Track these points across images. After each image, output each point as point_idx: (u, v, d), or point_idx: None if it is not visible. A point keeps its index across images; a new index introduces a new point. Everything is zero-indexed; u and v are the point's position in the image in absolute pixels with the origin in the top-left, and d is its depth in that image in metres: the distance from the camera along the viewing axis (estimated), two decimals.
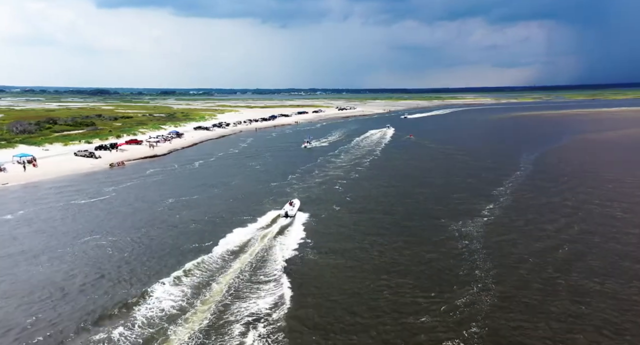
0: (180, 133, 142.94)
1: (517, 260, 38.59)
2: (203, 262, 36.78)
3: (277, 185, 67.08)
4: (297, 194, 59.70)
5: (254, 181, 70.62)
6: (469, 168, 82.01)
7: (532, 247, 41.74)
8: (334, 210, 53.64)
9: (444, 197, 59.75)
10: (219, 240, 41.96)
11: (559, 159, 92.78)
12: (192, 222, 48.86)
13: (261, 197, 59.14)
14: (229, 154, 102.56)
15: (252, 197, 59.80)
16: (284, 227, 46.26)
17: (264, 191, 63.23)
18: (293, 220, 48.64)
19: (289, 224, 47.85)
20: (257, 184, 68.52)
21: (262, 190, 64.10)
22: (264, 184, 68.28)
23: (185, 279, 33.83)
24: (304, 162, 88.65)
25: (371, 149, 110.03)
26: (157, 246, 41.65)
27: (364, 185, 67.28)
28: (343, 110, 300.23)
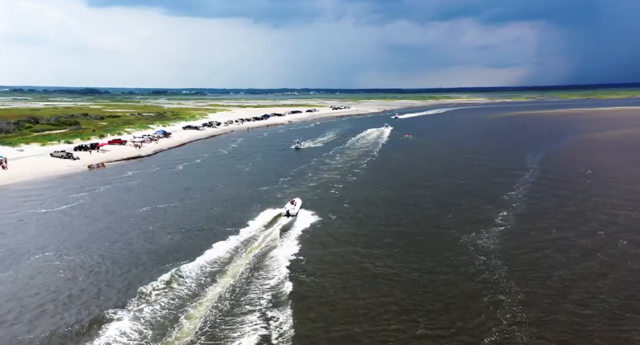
0: (167, 133, 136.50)
1: (544, 279, 32.97)
2: (172, 287, 30.77)
3: (266, 190, 61.04)
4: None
5: (242, 185, 64.50)
6: (473, 170, 76.55)
7: (559, 261, 36.18)
8: (330, 219, 47.73)
9: (450, 203, 54.11)
10: (196, 257, 35.95)
11: (567, 160, 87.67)
12: (166, 234, 42.62)
13: (248, 204, 53.06)
14: (217, 155, 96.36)
15: (238, 204, 53.71)
16: (270, 244, 40.07)
17: (252, 197, 57.17)
18: (295, 219, 46.32)
19: (279, 235, 42.07)
20: (245, 188, 62.39)
21: (249, 195, 58.01)
22: (252, 188, 62.19)
23: (147, 310, 27.70)
24: (296, 164, 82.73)
25: (368, 149, 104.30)
26: (119, 267, 35.39)
27: (362, 190, 61.51)
28: (337, 109, 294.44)
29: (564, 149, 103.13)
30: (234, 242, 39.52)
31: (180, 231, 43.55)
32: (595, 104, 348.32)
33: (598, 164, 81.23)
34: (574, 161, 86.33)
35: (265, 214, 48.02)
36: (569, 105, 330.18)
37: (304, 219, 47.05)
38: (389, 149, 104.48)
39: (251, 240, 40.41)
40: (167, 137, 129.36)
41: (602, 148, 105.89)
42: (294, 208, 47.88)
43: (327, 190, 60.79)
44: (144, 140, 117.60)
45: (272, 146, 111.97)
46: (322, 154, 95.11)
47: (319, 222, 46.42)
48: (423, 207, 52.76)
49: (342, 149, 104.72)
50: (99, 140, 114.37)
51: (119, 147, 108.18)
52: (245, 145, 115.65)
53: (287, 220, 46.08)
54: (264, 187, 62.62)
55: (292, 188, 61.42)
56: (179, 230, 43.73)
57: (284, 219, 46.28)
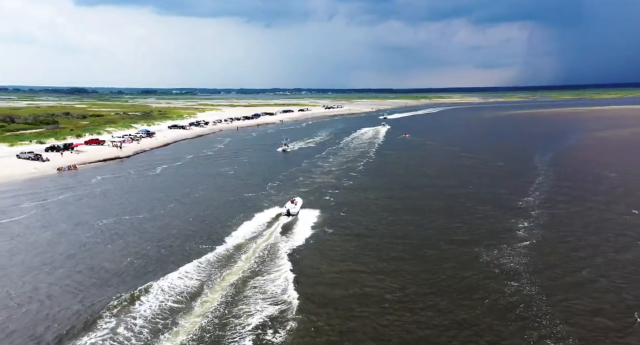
0: (151, 132, 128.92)
1: (594, 313, 26.40)
2: (119, 332, 23.77)
3: (251, 197, 53.91)
4: (277, 208, 47.02)
5: (224, 192, 57.24)
6: (480, 172, 70.13)
7: (604, 286, 29.63)
8: (325, 232, 40.88)
9: (461, 211, 47.50)
10: (155, 283, 28.92)
11: (578, 160, 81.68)
12: (125, 256, 35.22)
13: (229, 215, 45.88)
14: (201, 157, 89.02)
15: (217, 215, 46.50)
16: (253, 267, 33.20)
17: (234, 206, 50.02)
18: (296, 218, 44.30)
19: (279, 236, 35.21)
20: (227, 195, 55.19)
21: (231, 204, 50.83)
22: (235, 195, 55.00)
23: None
24: (286, 167, 75.78)
25: (364, 150, 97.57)
26: (57, 302, 28.24)
27: (360, 196, 54.69)
28: (330, 108, 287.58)
29: (572, 149, 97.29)
30: (205, 265, 32.41)
31: (143, 251, 36.31)
32: (588, 103, 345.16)
33: (612, 164, 75.24)
34: (585, 161, 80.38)
35: (249, 224, 42.32)
36: (563, 105, 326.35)
37: (291, 235, 40.18)
38: (386, 150, 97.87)
39: (229, 263, 33.38)
40: (151, 137, 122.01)
41: (611, 147, 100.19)
42: (295, 207, 45.61)
43: (320, 197, 53.89)
44: (124, 140, 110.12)
45: (261, 147, 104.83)
46: (314, 156, 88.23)
47: (312, 237, 39.55)
48: (431, 216, 46.05)
49: (336, 149, 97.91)
50: (75, 140, 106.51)
51: (97, 147, 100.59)
52: (233, 145, 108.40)
53: (296, 209, 45.38)
54: (249, 193, 55.47)
55: (281, 194, 54.42)
56: (143, 250, 36.50)
57: (284, 218, 44.32)
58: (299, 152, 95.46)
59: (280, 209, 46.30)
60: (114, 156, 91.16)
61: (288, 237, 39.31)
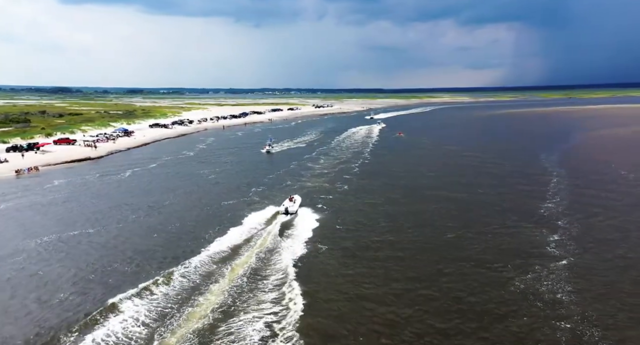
0: (129, 131, 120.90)
1: None
2: None
3: (231, 205, 46.45)
4: (289, 196, 40.13)
5: (200, 199, 49.66)
6: (487, 173, 63.61)
7: None
8: (318, 250, 33.76)
9: (475, 221, 40.75)
10: (90, 331, 21.60)
11: (589, 160, 75.61)
12: (56, 292, 27.66)
13: (201, 229, 38.48)
14: (179, 158, 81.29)
15: (188, 228, 39.08)
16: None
17: (210, 217, 42.57)
18: (294, 217, 41.54)
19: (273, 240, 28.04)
20: (203, 203, 47.62)
21: (207, 215, 43.35)
22: (213, 203, 47.51)
23: None
24: (273, 169, 68.54)
25: (357, 150, 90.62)
26: None
27: (358, 203, 47.64)
28: (320, 107, 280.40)
29: (577, 148, 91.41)
30: (160, 299, 25.10)
31: (85, 280, 28.79)
32: (579, 102, 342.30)
33: (624, 164, 69.09)
34: (597, 161, 74.33)
35: (239, 229, 37.43)
36: (554, 104, 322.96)
37: (274, 258, 33.00)
38: (381, 150, 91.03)
39: (194, 295, 26.12)
40: (129, 136, 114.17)
41: (617, 146, 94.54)
42: (293, 205, 42.97)
43: (312, 204, 46.69)
44: (98, 139, 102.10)
45: (246, 147, 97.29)
46: (303, 156, 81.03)
47: (304, 257, 32.40)
48: (441, 228, 39.17)
49: (327, 149, 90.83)
50: (43, 139, 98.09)
51: (67, 147, 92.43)
52: (216, 145, 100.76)
53: (294, 208, 42.74)
54: (229, 200, 47.97)
55: (266, 202, 47.09)
56: (84, 278, 28.99)
57: (292, 208, 42.27)
58: (288, 152, 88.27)
59: (278, 208, 43.11)
60: (85, 157, 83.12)
61: (287, 242, 32.17)
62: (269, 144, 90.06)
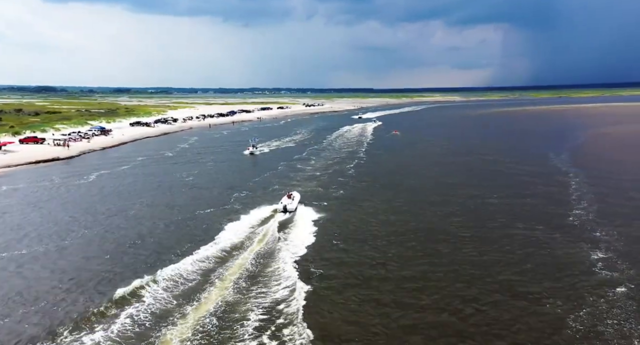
0: (106, 129, 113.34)
1: None
2: None
3: (207, 215, 39.38)
4: (286, 193, 33.30)
5: (172, 207, 42.42)
6: (498, 174, 57.45)
7: None
8: (312, 275, 27.06)
9: (499, 233, 34.35)
10: None
11: (603, 160, 69.78)
12: None
13: (163, 248, 31.51)
14: (157, 158, 74.03)
15: (148, 247, 32.05)
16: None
17: (180, 231, 35.44)
18: (294, 215, 38.62)
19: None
20: (175, 212, 40.42)
21: (177, 228, 36.19)
22: (186, 212, 40.35)
23: None
24: (259, 171, 61.73)
25: (351, 149, 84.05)
26: None
27: (356, 212, 40.98)
28: (311, 106, 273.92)
29: (585, 146, 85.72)
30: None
31: (15, 314, 21.87)
32: (570, 101, 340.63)
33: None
34: (611, 161, 68.60)
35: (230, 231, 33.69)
36: (545, 103, 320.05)
37: (254, 289, 26.33)
38: (377, 150, 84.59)
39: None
40: (106, 135, 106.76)
41: (626, 144, 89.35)
42: (292, 203, 40.06)
43: (306, 210, 40.02)
44: (71, 138, 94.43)
45: (231, 146, 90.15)
46: (293, 157, 74.24)
47: (293, 290, 25.70)
48: (456, 241, 32.70)
49: (319, 150, 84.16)
50: (8, 138, 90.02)
51: (34, 146, 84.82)
52: (199, 145, 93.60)
53: (293, 205, 39.56)
54: (205, 209, 40.94)
55: (248, 209, 40.18)
56: (13, 313, 22.04)
57: (290, 205, 39.48)
58: (276, 153, 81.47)
59: (276, 205, 39.86)
60: (52, 157, 75.63)
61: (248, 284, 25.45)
62: (253, 145, 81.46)
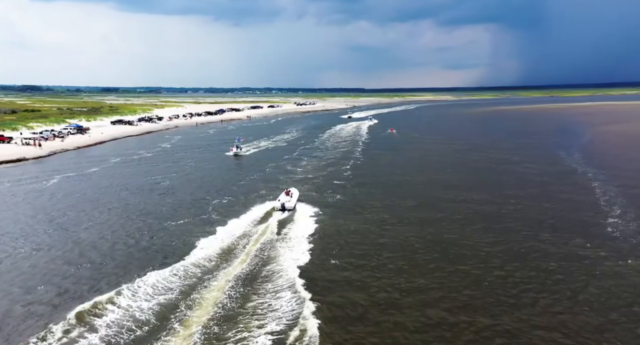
0: (84, 128, 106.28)
1: None
2: None
3: (179, 228, 32.98)
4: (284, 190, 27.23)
5: (140, 217, 35.85)
6: (511, 176, 51.81)
7: None
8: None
9: (527, 249, 28.63)
10: None
11: (617, 158, 64.55)
12: None
13: (119, 271, 25.40)
14: (133, 159, 67.46)
15: (99, 270, 25.91)
16: None
17: (141, 252, 29.13)
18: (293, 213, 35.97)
19: None
20: (143, 224, 33.90)
21: (137, 247, 29.84)
22: (156, 223, 33.84)
23: None
24: (245, 173, 55.57)
25: (346, 149, 78.12)
26: None
27: (355, 222, 35.05)
28: (302, 105, 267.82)
29: (595, 144, 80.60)
30: None
31: None
32: (562, 100, 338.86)
33: None
34: (628, 160, 63.42)
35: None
36: (538, 102, 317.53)
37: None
38: (374, 149, 78.78)
39: None
40: (83, 134, 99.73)
41: (635, 142, 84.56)
42: (291, 200, 38.27)
43: (300, 215, 34.01)
44: (43, 136, 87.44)
45: (217, 146, 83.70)
46: (283, 157, 68.15)
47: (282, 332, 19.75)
48: (480, 260, 26.89)
49: (311, 149, 78.16)
50: None
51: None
52: (182, 144, 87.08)
53: (292, 203, 37.44)
54: (178, 219, 34.55)
55: (229, 218, 34.05)
56: None
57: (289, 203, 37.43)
58: (265, 153, 75.30)
59: (274, 203, 37.59)
60: (18, 157, 68.87)
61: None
62: (237, 146, 73.70)
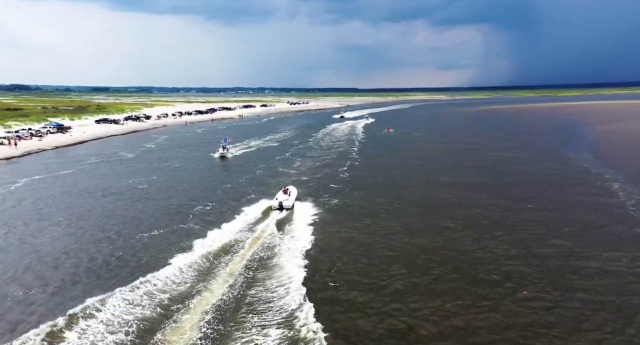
0: (65, 126, 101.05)
1: None
2: None
3: (150, 241, 28.31)
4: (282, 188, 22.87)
5: (106, 228, 31.19)
6: (517, 176, 47.65)
7: None
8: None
9: (555, 260, 24.44)
10: None
11: (630, 158, 60.78)
12: None
13: (75, 293, 20.87)
14: (113, 160, 62.54)
15: (50, 291, 21.37)
16: None
17: (105, 272, 24.67)
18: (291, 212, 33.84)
19: None
20: (107, 237, 29.09)
21: (103, 264, 25.35)
22: (127, 236, 28.96)
23: None
24: (232, 176, 50.91)
25: (342, 149, 73.69)
26: None
27: (357, 232, 30.62)
28: (295, 104, 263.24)
29: (602, 144, 76.74)
30: None
31: None
32: (556, 100, 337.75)
33: None
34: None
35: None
36: (532, 101, 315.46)
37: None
38: (371, 148, 74.45)
39: None
40: (63, 133, 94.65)
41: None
42: (289, 199, 36.69)
43: (296, 219, 29.59)
44: (18, 135, 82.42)
45: (204, 146, 78.86)
46: (274, 157, 63.58)
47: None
48: (508, 281, 22.66)
49: (304, 149, 73.71)
50: None
51: None
52: (168, 144, 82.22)
53: (290, 202, 35.52)
54: (152, 230, 29.77)
55: (212, 229, 29.51)
56: None
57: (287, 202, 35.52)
58: (256, 153, 70.74)
59: (271, 201, 35.95)
60: None
61: None
62: (224, 146, 67.23)
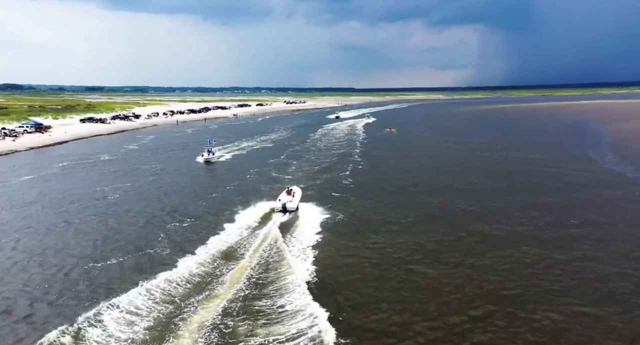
0: (43, 126, 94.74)
1: None
2: None
3: (113, 271, 22.50)
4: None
5: (58, 252, 25.13)
6: (543, 181, 41.98)
7: None
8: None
9: (616, 299, 18.73)
10: None
11: None
12: None
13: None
14: (87, 163, 56.28)
15: None
16: None
17: (46, 315, 18.85)
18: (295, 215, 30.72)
19: None
20: (55, 264, 23.03)
21: (48, 300, 19.57)
22: (75, 263, 23.05)
23: None
24: (220, 182, 44.89)
25: (343, 151, 67.67)
26: None
27: (366, 253, 24.80)
28: (292, 104, 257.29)
29: (621, 143, 71.12)
30: None
31: None
32: (556, 99, 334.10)
33: None
34: None
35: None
36: (532, 101, 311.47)
37: None
38: (374, 150, 68.57)
39: None
40: (42, 132, 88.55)
41: None
42: (293, 200, 32.72)
43: (294, 222, 23.73)
44: None
45: (192, 148, 72.68)
46: (268, 161, 57.41)
47: None
48: (561, 320, 16.90)
49: (301, 151, 67.72)
50: None
51: None
52: (153, 145, 76.03)
53: (294, 203, 31.74)
54: (117, 256, 23.61)
55: (197, 248, 23.62)
56: None
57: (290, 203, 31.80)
58: (249, 156, 64.74)
59: (273, 203, 32.68)
60: None
61: None
62: (209, 149, 59.93)
